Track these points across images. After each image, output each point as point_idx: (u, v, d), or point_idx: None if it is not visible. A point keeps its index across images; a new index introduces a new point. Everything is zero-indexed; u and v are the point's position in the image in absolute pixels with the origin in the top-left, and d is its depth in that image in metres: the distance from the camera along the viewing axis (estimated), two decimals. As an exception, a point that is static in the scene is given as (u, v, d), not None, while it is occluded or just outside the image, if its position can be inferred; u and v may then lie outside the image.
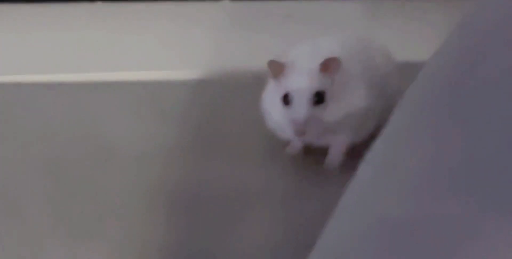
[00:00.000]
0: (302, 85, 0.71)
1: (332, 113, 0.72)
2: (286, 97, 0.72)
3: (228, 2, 1.22)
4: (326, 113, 0.72)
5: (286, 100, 0.72)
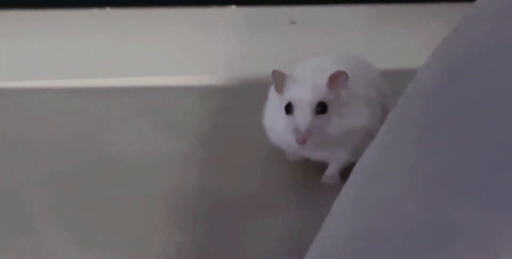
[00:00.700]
0: (305, 94, 0.72)
1: (335, 126, 0.72)
2: (289, 106, 0.72)
3: (235, 8, 1.23)
4: (329, 125, 0.72)
5: (289, 109, 0.72)
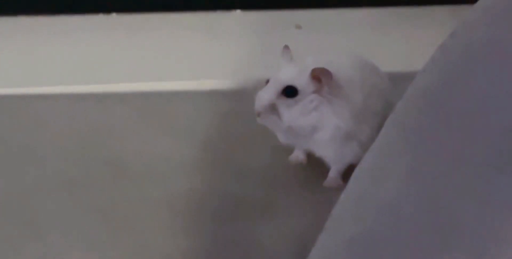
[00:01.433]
0: (281, 74, 0.73)
1: (293, 113, 0.72)
2: (267, 82, 0.74)
3: (240, 12, 1.23)
4: (288, 111, 0.72)
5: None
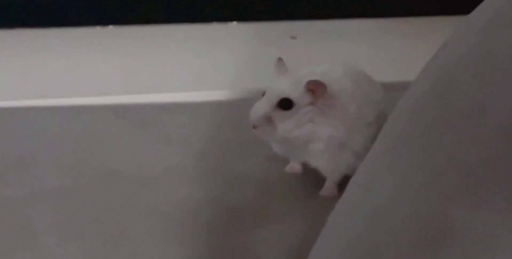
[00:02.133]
0: (276, 86, 0.73)
1: (288, 125, 0.72)
2: (263, 94, 0.74)
3: (236, 24, 1.24)
4: (284, 123, 0.72)
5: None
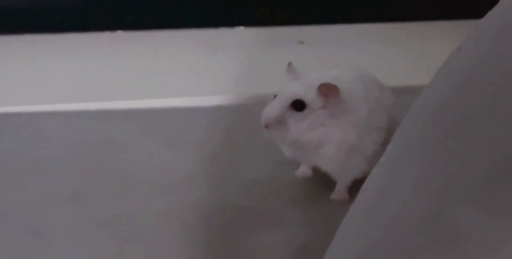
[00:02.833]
0: (289, 88, 0.74)
1: (301, 127, 0.72)
2: (274, 97, 0.75)
3: (243, 29, 1.25)
4: (296, 125, 0.72)
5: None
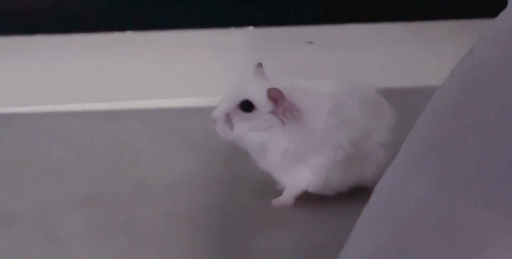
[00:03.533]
0: (241, 89, 0.74)
1: (243, 127, 0.73)
2: None
3: (252, 29, 1.24)
4: (240, 124, 0.73)
5: None
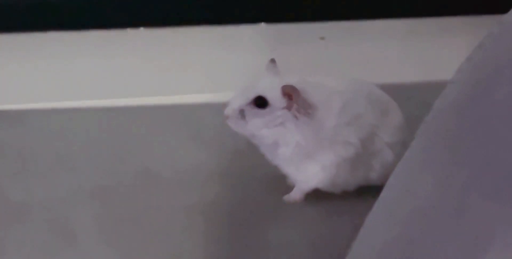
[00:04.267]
0: (255, 84, 0.74)
1: (257, 122, 0.73)
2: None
3: (264, 25, 1.24)
4: (253, 120, 0.73)
5: None
